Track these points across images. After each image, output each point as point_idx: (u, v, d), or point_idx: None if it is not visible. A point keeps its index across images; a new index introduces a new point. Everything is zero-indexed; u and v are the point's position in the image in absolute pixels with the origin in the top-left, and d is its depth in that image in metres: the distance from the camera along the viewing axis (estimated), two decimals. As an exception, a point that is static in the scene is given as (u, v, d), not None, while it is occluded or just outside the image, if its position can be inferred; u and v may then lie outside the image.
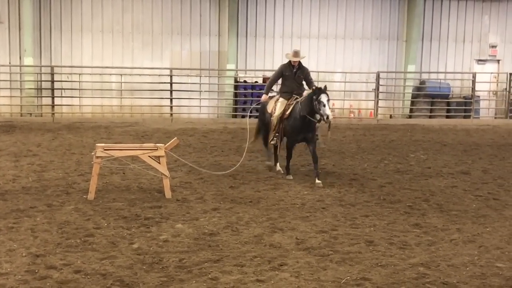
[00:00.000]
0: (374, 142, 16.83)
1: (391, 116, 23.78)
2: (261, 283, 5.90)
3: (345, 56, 23.72)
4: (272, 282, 5.95)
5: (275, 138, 11.51)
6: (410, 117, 23.48)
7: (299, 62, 11.48)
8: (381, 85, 22.71)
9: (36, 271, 6.08)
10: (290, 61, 11.55)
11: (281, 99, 11.56)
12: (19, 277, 5.91)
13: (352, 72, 23.20)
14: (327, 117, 10.50)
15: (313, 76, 12.10)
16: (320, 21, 23.50)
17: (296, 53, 11.41)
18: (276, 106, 11.54)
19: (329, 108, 10.57)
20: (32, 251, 6.68)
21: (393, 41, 24.07)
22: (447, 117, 23.50)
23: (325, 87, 10.81)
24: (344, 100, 23.11)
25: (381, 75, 22.75)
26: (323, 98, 10.53)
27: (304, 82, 11.67)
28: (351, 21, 23.74)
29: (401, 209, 9.09)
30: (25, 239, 7.17)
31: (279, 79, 11.85)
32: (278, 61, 22.91)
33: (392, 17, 24.02)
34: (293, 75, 11.48)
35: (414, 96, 23.92)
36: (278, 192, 10.18)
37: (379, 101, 22.80)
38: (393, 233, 7.82)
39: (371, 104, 23.17)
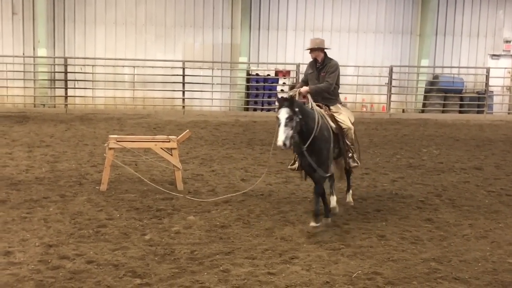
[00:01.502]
0: (387, 136, 16.77)
1: (403, 111, 23.66)
2: (272, 276, 5.91)
3: (358, 49, 23.59)
4: (283, 275, 5.96)
5: (296, 162, 8.35)
6: (423, 111, 23.35)
7: (324, 56, 8.30)
8: (394, 79, 22.60)
9: (49, 261, 6.13)
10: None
11: None
12: (32, 266, 5.96)
13: (365, 66, 23.09)
14: (274, 144, 7.33)
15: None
16: (334, 14, 23.38)
17: (312, 42, 8.32)
18: None
19: (289, 131, 7.06)
20: (45, 241, 6.74)
21: (407, 35, 23.92)
22: (460, 112, 23.34)
23: (292, 97, 7.63)
24: (356, 94, 23.03)
25: (394, 69, 22.63)
26: (281, 114, 7.14)
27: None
28: (365, 14, 23.61)
29: (413, 204, 9.06)
30: (38, 229, 7.23)
31: (307, 80, 8.61)
32: (290, 55, 22.93)
33: (406, 11, 23.86)
34: (316, 74, 8.36)
35: (427, 91, 23.78)
36: (289, 185, 10.17)
37: (392, 95, 22.69)
38: (405, 227, 7.80)
39: (383, 98, 23.06)
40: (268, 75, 22.44)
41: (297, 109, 7.18)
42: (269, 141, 15.11)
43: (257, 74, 22.49)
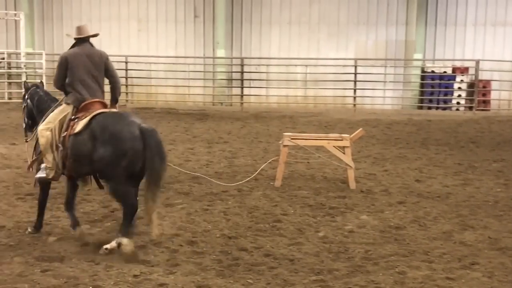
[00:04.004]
0: None
1: None
2: (451, 281, 5.68)
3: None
4: (463, 280, 5.71)
5: None
6: None
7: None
8: None
9: (229, 252, 6.42)
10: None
11: None
12: (214, 257, 6.29)
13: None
14: None
15: (506, 65, 10.31)
16: (519, 6, 21.84)
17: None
18: None
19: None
20: (225, 233, 7.07)
21: None
22: None
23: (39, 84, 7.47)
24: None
25: None
26: None
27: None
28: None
29: None
30: (218, 221, 7.60)
31: None
32: (469, 50, 21.81)
33: None
34: None
35: None
36: (468, 188, 9.70)
37: None
38: None
39: None
40: (445, 72, 21.55)
41: (27, 96, 7.23)
42: (445, 141, 14.57)
43: (432, 71, 21.70)
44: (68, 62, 6.64)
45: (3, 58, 21.55)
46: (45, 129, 6.52)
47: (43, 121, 6.67)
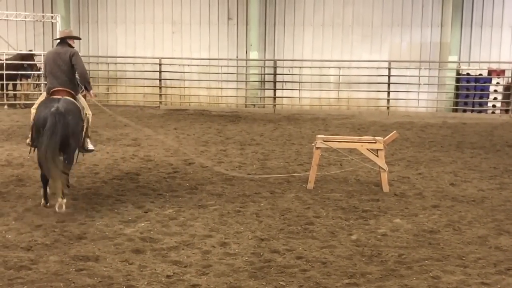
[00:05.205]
0: None
1: None
2: (486, 286, 5.61)
3: None
4: (498, 286, 5.63)
5: None
6: None
7: None
8: None
9: (261, 254, 6.43)
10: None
11: None
12: (246, 258, 6.31)
13: None
14: None
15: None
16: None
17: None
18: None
19: None
20: (257, 235, 7.08)
21: None
22: None
23: None
24: None
25: None
26: None
27: None
28: None
29: None
30: (250, 223, 7.62)
31: None
32: (506, 52, 21.46)
33: None
34: None
35: None
36: (504, 192, 9.55)
37: None
38: None
39: None
40: (480, 74, 21.24)
41: None
42: (480, 144, 14.36)
43: (467, 74, 21.41)
44: (45, 58, 8.51)
45: (40, 68, 21.88)
46: (33, 108, 8.32)
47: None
